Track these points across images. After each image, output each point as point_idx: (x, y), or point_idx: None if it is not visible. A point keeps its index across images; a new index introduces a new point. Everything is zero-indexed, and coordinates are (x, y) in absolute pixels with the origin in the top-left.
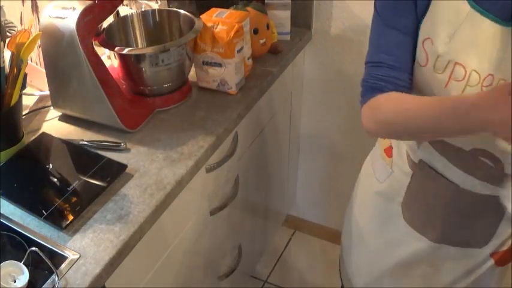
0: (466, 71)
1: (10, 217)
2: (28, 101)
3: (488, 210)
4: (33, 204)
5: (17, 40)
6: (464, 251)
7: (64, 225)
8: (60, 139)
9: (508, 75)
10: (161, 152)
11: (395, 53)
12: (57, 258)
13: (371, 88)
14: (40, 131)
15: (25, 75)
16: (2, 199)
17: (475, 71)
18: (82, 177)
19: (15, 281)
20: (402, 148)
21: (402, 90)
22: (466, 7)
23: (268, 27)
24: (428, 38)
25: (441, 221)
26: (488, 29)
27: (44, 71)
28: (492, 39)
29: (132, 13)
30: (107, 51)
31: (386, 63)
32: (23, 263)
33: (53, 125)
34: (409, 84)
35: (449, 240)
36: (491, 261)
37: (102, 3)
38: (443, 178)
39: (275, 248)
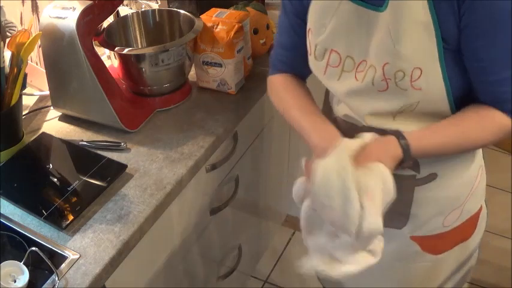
0: (341, 58)
1: (10, 217)
2: (28, 101)
3: (398, 190)
4: (33, 204)
5: (17, 40)
6: (387, 231)
7: (64, 225)
8: (60, 139)
9: (378, 61)
10: (161, 152)
11: (285, 37)
12: (57, 258)
13: (272, 65)
14: (40, 131)
15: (25, 75)
16: (2, 199)
17: (349, 57)
18: (82, 177)
19: (15, 281)
20: None
21: (288, 69)
22: None
23: (268, 27)
24: (309, 29)
25: None
26: (360, 15)
27: (44, 71)
28: (364, 25)
29: (132, 13)
30: (107, 51)
31: (281, 45)
32: (23, 263)
33: (53, 125)
34: (294, 62)
35: None
36: (417, 246)
37: (102, 3)
38: None
39: (275, 248)
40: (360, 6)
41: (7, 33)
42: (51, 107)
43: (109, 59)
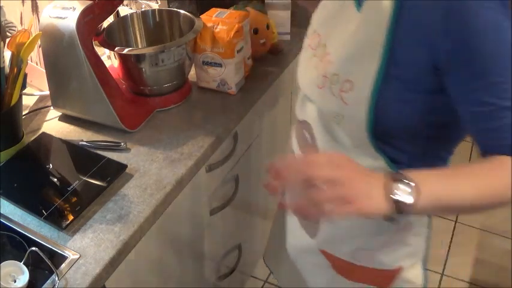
0: (319, 42)
1: (10, 217)
2: (28, 101)
3: None
4: (33, 204)
5: (17, 40)
6: (305, 239)
7: (64, 225)
8: (60, 139)
9: (331, 56)
10: (161, 152)
11: None
12: (57, 258)
13: None
14: (40, 131)
15: (25, 75)
16: (2, 199)
17: (323, 44)
18: (82, 177)
19: (15, 281)
20: None
21: None
22: None
23: (268, 27)
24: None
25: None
26: (345, 7)
27: (44, 71)
28: (343, 17)
29: (132, 13)
30: (107, 51)
31: None
32: (23, 263)
33: (53, 125)
34: None
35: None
36: (327, 261)
37: (102, 3)
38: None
39: None
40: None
41: (7, 33)
42: (51, 107)
43: (109, 59)
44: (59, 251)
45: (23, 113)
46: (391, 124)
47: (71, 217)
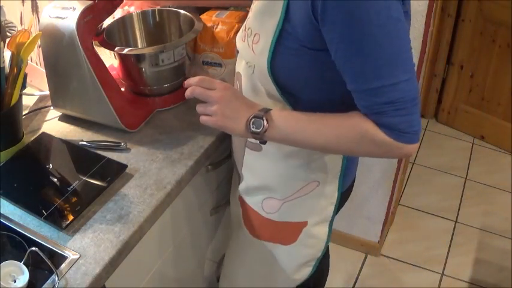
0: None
1: (10, 217)
2: (28, 101)
3: (237, 145)
4: (33, 204)
5: (17, 40)
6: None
7: (64, 225)
8: (60, 139)
9: (251, 12)
10: (161, 152)
11: None
12: (57, 258)
13: None
14: (40, 131)
15: (25, 75)
16: (2, 199)
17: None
18: (82, 177)
19: (15, 281)
20: None
21: None
22: None
23: None
24: None
25: None
26: None
27: (44, 71)
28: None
29: (132, 13)
30: (107, 51)
31: None
32: (23, 263)
33: (53, 125)
34: None
35: None
36: (240, 209)
37: (102, 3)
38: None
39: None
40: None
41: (7, 33)
42: (51, 107)
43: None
44: (59, 251)
45: (23, 113)
46: (287, 74)
47: (71, 217)
